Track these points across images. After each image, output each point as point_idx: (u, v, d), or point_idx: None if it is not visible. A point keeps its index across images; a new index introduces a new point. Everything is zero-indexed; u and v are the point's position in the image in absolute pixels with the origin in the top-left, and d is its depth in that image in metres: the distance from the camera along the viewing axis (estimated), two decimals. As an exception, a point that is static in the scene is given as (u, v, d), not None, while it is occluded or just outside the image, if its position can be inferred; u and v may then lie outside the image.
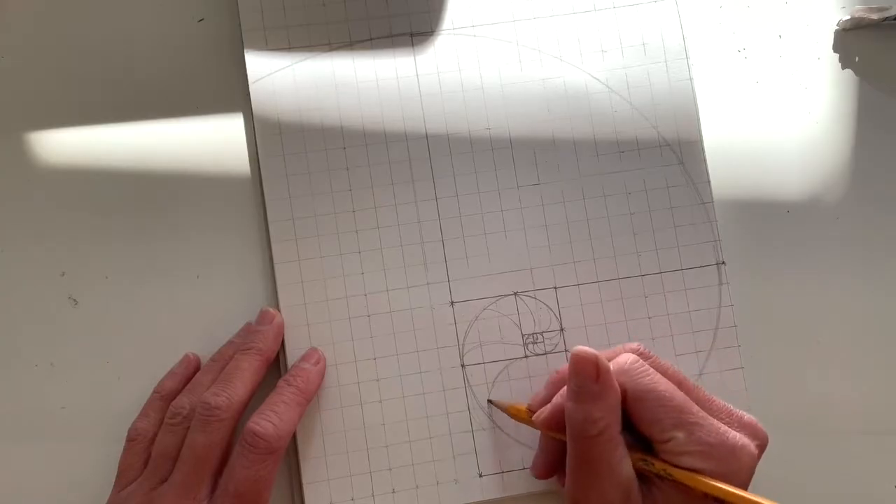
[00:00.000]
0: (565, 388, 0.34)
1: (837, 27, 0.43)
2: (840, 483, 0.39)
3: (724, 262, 0.40)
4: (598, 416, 0.32)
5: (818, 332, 0.41)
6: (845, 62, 0.43)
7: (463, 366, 0.39)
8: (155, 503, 0.34)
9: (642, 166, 0.41)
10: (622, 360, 0.34)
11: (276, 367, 0.39)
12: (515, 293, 0.40)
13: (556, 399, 0.35)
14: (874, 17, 0.42)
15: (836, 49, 0.43)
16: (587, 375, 0.32)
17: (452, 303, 0.39)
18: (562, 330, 0.40)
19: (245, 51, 0.40)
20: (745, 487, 0.32)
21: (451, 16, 0.41)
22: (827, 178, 0.42)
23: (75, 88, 0.41)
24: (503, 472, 0.38)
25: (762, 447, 0.33)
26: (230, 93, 0.41)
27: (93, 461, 0.37)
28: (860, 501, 0.40)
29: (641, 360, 0.34)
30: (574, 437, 0.32)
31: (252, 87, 0.40)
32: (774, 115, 0.42)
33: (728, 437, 0.32)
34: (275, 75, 0.40)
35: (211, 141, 0.41)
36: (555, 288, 0.40)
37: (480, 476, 0.38)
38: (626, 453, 0.32)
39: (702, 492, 0.31)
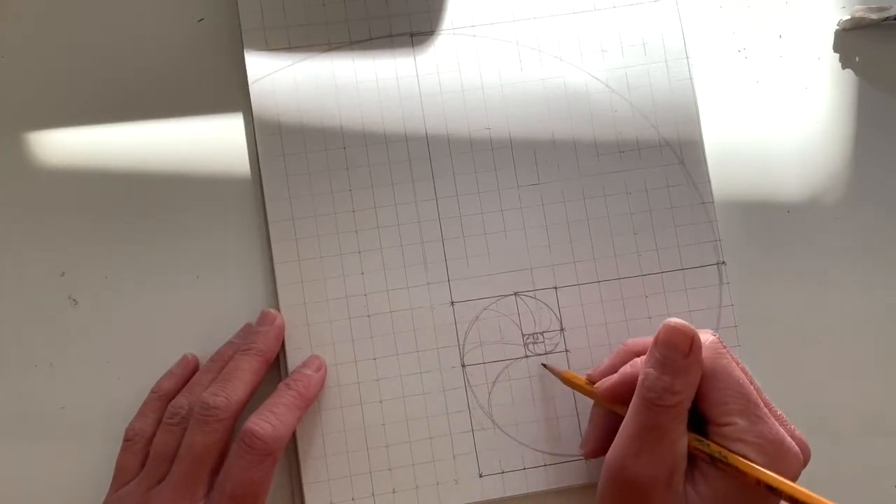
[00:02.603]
0: (635, 359, 0.35)
1: (837, 27, 0.43)
2: (840, 483, 0.39)
3: (724, 262, 0.40)
4: (679, 389, 0.32)
5: (818, 332, 0.41)
6: (845, 62, 0.43)
7: (463, 366, 0.39)
8: (152, 503, 0.34)
9: (642, 166, 0.41)
10: (705, 336, 0.34)
11: (275, 368, 0.39)
12: (515, 293, 0.40)
13: (625, 369, 0.35)
14: (874, 17, 0.42)
15: (836, 49, 0.43)
16: (679, 349, 0.32)
17: (452, 303, 0.39)
18: (562, 330, 0.39)
19: (245, 51, 0.40)
20: None
21: (451, 16, 0.41)
22: (827, 178, 0.42)
23: (75, 88, 0.41)
24: (503, 473, 0.38)
25: (805, 463, 0.33)
26: (230, 93, 0.41)
27: (92, 461, 0.37)
28: (860, 501, 0.40)
29: (722, 342, 0.34)
30: (645, 405, 0.32)
31: (252, 87, 0.40)
32: (774, 115, 0.42)
33: (785, 439, 0.33)
34: (275, 75, 0.40)
35: (211, 141, 0.41)
36: (555, 288, 0.40)
37: (480, 476, 0.38)
38: (686, 430, 0.33)
39: (754, 479, 0.31)
